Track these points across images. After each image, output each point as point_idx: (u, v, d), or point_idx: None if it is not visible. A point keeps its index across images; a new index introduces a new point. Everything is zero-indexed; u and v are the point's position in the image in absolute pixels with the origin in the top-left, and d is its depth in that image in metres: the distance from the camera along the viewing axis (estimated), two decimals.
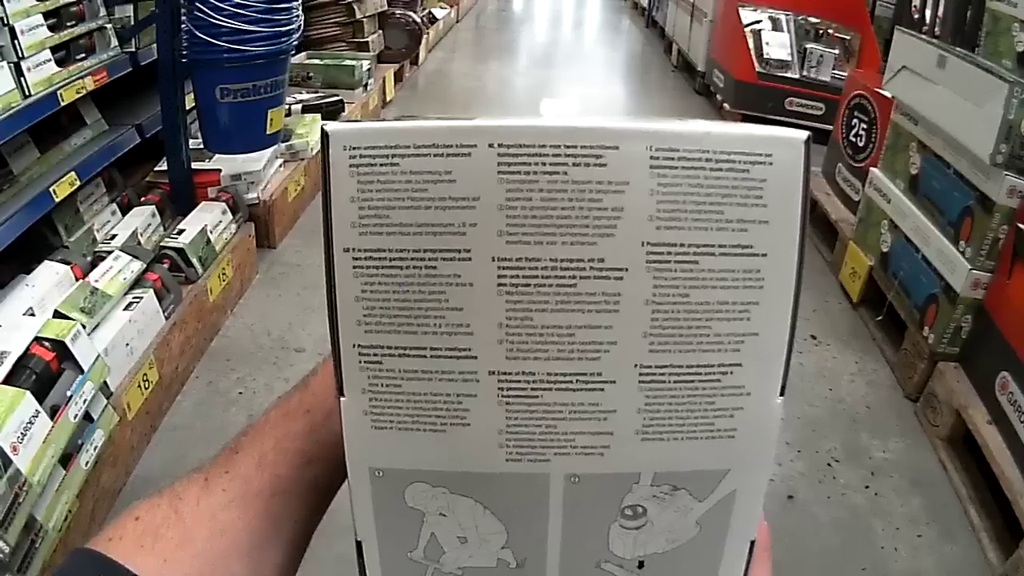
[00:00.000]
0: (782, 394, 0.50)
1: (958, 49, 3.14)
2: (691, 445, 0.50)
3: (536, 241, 0.45)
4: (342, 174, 0.45)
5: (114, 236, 3.30)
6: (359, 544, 0.53)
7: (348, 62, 6.08)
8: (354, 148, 0.45)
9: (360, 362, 0.48)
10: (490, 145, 0.44)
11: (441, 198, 0.45)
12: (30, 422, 2.08)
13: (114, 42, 3.39)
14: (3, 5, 2.68)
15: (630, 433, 0.49)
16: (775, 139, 0.46)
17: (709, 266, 0.46)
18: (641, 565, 0.53)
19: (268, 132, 3.63)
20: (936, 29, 3.77)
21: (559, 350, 0.47)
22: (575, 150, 0.44)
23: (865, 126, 4.20)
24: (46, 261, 2.84)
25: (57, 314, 2.53)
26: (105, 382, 2.50)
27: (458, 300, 0.46)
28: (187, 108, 3.54)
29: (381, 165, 0.45)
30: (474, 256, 0.46)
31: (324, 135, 0.45)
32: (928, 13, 3.90)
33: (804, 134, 0.46)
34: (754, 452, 0.51)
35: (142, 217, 3.47)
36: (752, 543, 0.54)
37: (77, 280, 2.79)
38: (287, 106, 4.50)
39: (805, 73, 6.15)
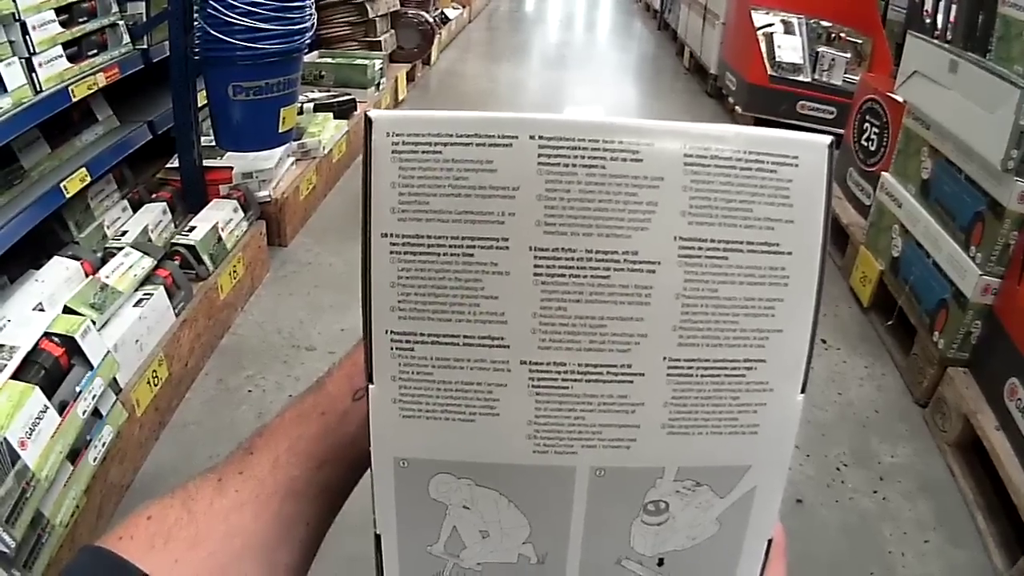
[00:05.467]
0: (803, 391, 0.51)
1: (970, 54, 3.13)
2: (715, 440, 0.51)
3: (573, 232, 0.46)
4: (384, 160, 0.46)
5: (125, 232, 3.30)
6: (378, 538, 0.53)
7: (360, 61, 6.10)
8: (397, 135, 0.46)
9: (392, 349, 0.48)
10: (531, 137, 0.45)
11: (481, 187, 0.46)
12: (39, 417, 2.09)
13: (126, 38, 3.40)
14: (15, 1, 2.68)
15: (656, 426, 0.50)
16: (801, 142, 0.47)
17: (737, 262, 0.47)
18: (661, 563, 0.54)
19: (280, 130, 3.63)
20: (948, 34, 3.76)
21: (591, 341, 0.48)
22: (613, 145, 0.45)
23: (877, 130, 4.19)
24: (56, 257, 2.85)
25: (67, 310, 2.54)
26: (114, 378, 2.51)
27: (494, 288, 0.47)
28: (199, 105, 3.55)
29: (423, 152, 0.46)
30: (511, 245, 0.46)
31: (368, 121, 0.46)
32: (940, 18, 3.88)
33: (828, 138, 0.47)
34: (775, 449, 0.52)
35: (153, 214, 3.48)
36: (769, 542, 0.55)
37: (87, 276, 2.80)
38: (299, 104, 4.50)
39: (817, 77, 6.13)
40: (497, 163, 0.45)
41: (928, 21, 3.99)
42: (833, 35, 6.25)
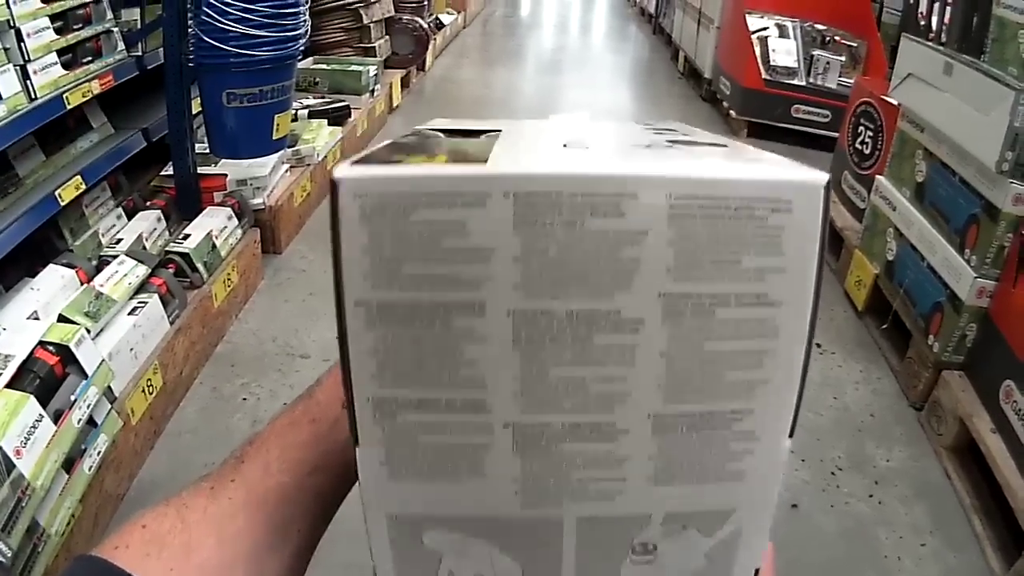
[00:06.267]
0: (791, 435, 0.50)
1: (964, 56, 3.13)
2: (701, 487, 0.50)
3: (552, 295, 0.44)
4: (353, 223, 0.44)
5: (119, 240, 3.30)
6: None
7: (355, 68, 6.11)
8: (365, 197, 0.43)
9: (375, 415, 0.48)
10: (505, 195, 0.42)
11: (455, 250, 0.43)
12: (33, 426, 2.09)
13: (120, 45, 3.40)
14: (10, 8, 2.68)
15: (642, 479, 0.49)
16: (795, 185, 0.44)
17: (724, 316, 0.46)
18: None
19: (274, 137, 3.64)
20: (943, 36, 3.76)
21: (574, 403, 0.47)
22: (593, 199, 0.43)
23: (871, 133, 4.19)
24: (51, 265, 2.84)
25: (62, 318, 2.54)
26: (109, 387, 2.50)
27: (473, 354, 0.46)
28: (193, 113, 3.54)
29: (393, 215, 0.43)
30: (489, 310, 0.45)
31: (333, 184, 0.43)
32: (934, 20, 3.89)
33: (824, 177, 0.45)
34: (760, 492, 0.52)
35: (148, 222, 3.47)
36: (757, 571, 0.55)
37: (82, 284, 2.79)
38: (293, 111, 4.50)
39: (811, 80, 6.15)
40: (471, 225, 0.43)
41: (923, 23, 4.00)
42: (827, 38, 6.28)
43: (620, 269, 0.44)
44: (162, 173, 3.92)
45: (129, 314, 2.81)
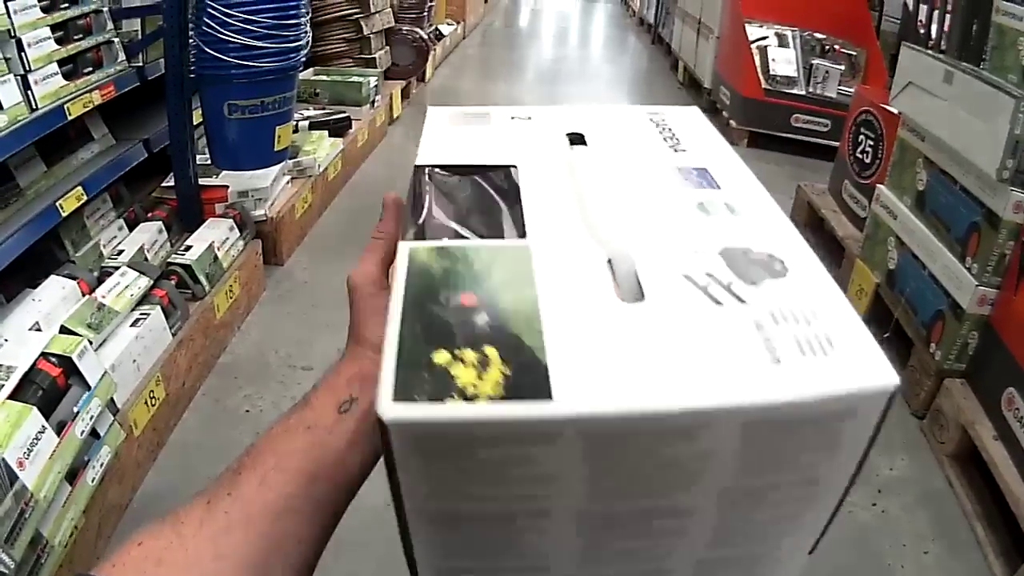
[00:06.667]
0: (811, 552, 0.55)
1: (964, 64, 3.13)
2: None
3: (616, 499, 0.45)
4: (408, 459, 0.42)
5: (121, 252, 3.30)
6: None
7: (355, 78, 6.10)
8: (421, 440, 0.41)
9: (438, 572, 0.50)
10: (577, 434, 0.41)
11: (521, 476, 0.43)
12: (36, 438, 2.08)
13: (121, 56, 3.40)
14: (10, 18, 2.69)
15: None
16: (865, 395, 0.44)
17: (774, 498, 0.47)
18: None
19: (276, 149, 3.63)
20: (942, 44, 3.77)
21: (628, 560, 0.49)
22: (665, 433, 0.42)
23: (871, 142, 4.19)
24: (53, 276, 2.84)
25: (64, 329, 2.54)
26: (112, 398, 2.50)
27: (535, 539, 0.47)
28: (195, 124, 3.54)
29: (453, 454, 0.41)
30: (553, 513, 0.45)
31: (383, 427, 0.40)
32: (934, 28, 3.89)
33: (894, 381, 0.44)
34: None
35: (149, 233, 3.47)
36: None
37: (84, 295, 2.79)
38: (295, 122, 4.50)
39: (811, 89, 6.15)
40: (537, 457, 0.42)
41: (922, 31, 4.00)
42: (827, 47, 6.28)
43: (684, 478, 0.44)
44: (163, 184, 3.91)
45: (131, 326, 2.81)
